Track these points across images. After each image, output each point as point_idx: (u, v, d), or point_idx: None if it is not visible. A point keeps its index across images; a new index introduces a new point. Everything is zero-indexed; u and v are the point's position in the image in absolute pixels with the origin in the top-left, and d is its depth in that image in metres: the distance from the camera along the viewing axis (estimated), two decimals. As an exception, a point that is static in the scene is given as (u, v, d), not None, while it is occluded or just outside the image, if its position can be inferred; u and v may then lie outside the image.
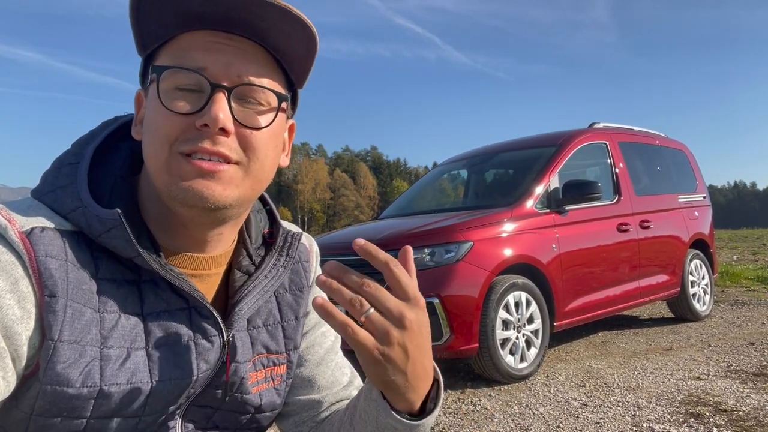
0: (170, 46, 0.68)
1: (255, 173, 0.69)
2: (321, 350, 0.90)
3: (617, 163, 5.15)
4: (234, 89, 0.66)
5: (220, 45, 0.66)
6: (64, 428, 0.63)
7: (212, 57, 0.65)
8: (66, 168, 0.70)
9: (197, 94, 0.66)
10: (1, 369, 0.58)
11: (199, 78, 0.65)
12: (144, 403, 0.67)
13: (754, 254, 12.26)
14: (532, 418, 3.08)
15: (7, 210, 0.63)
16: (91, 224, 0.65)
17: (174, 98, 0.65)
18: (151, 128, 0.67)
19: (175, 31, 0.67)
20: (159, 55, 0.69)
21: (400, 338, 0.62)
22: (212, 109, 0.64)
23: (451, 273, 3.67)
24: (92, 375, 0.62)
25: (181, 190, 0.65)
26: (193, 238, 0.73)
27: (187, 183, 0.64)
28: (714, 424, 2.80)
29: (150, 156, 0.67)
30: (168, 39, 0.68)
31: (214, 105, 0.64)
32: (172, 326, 0.70)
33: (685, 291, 5.48)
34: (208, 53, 0.66)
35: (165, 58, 0.68)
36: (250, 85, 0.67)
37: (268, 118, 0.69)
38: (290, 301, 0.85)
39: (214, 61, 0.65)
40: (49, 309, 0.61)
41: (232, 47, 0.67)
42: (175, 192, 0.65)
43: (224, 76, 0.66)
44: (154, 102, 0.66)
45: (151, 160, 0.67)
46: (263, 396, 0.80)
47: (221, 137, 0.65)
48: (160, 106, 0.65)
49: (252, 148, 0.68)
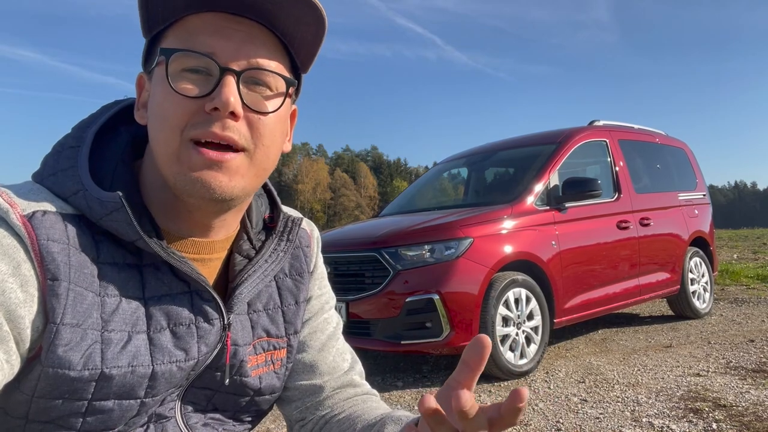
0: (177, 27, 0.67)
1: (260, 161, 0.69)
2: (323, 336, 0.90)
3: (617, 160, 5.15)
4: (243, 73, 0.66)
5: (229, 29, 0.66)
6: (66, 410, 0.64)
7: (222, 40, 0.65)
8: (67, 151, 0.70)
9: (205, 77, 0.65)
10: (4, 352, 0.59)
11: (209, 61, 0.65)
12: (145, 386, 0.67)
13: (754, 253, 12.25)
14: (532, 413, 3.09)
15: (8, 193, 0.63)
16: (93, 207, 0.65)
17: (182, 81, 0.65)
18: (159, 113, 0.66)
19: (183, 13, 0.67)
20: (165, 36, 0.68)
21: None
22: (223, 93, 0.63)
23: (451, 269, 3.67)
24: (93, 358, 0.63)
25: (189, 181, 0.65)
26: (197, 223, 0.73)
27: (195, 174, 0.64)
28: (713, 419, 2.81)
29: (159, 142, 0.67)
30: (175, 20, 0.68)
31: (224, 88, 0.64)
32: (173, 310, 0.70)
33: (685, 289, 5.48)
34: (217, 36, 0.65)
35: (172, 40, 0.67)
36: (259, 69, 0.67)
37: (275, 103, 0.69)
38: (290, 286, 0.85)
39: (224, 45, 0.65)
40: (52, 292, 0.61)
41: (242, 31, 0.66)
42: (182, 182, 0.65)
43: (233, 59, 0.65)
44: (161, 85, 0.66)
45: (161, 146, 0.66)
46: (263, 379, 0.80)
47: (230, 121, 0.65)
48: (168, 89, 0.65)
49: (259, 134, 0.68)
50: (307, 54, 0.73)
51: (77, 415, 0.65)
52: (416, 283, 3.66)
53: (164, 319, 0.69)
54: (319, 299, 0.91)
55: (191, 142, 0.65)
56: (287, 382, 0.87)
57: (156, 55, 0.68)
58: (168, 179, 0.67)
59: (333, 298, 0.96)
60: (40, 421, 0.65)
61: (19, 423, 0.65)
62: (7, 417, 0.66)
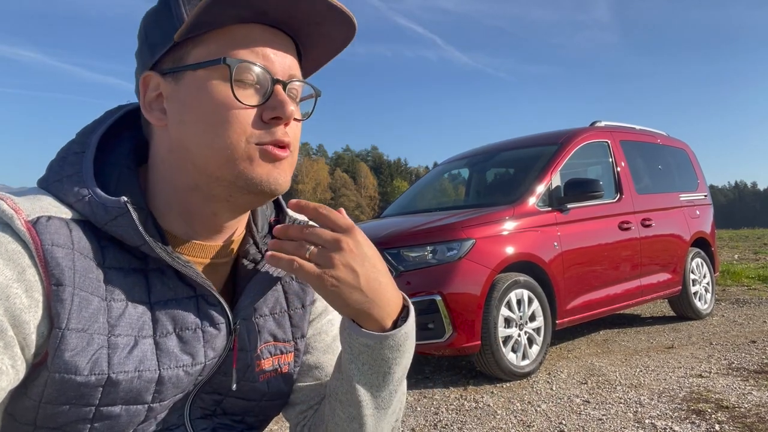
0: (218, 35, 0.67)
1: (294, 161, 0.74)
2: (328, 338, 0.90)
3: (619, 161, 5.15)
4: (288, 84, 0.70)
5: (275, 42, 0.70)
6: (73, 416, 0.64)
7: (272, 53, 0.69)
8: (71, 157, 0.70)
9: (254, 87, 0.68)
10: (9, 358, 0.59)
11: (264, 73, 0.68)
12: (152, 391, 0.67)
13: (755, 253, 12.24)
14: (535, 414, 3.08)
15: (13, 199, 0.63)
16: (97, 212, 0.65)
17: (240, 89, 0.67)
18: (217, 119, 0.66)
19: (231, 22, 0.67)
20: (201, 42, 0.67)
21: (342, 259, 0.69)
22: (286, 103, 0.68)
23: (453, 270, 3.67)
24: (100, 363, 0.63)
25: (256, 177, 0.68)
26: (212, 226, 0.74)
27: (263, 171, 0.68)
28: (716, 421, 2.80)
29: (214, 147, 0.67)
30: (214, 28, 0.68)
31: (283, 97, 0.68)
32: (179, 314, 0.70)
33: (686, 289, 5.48)
34: (269, 49, 0.69)
35: (214, 47, 0.67)
36: (297, 81, 0.72)
37: (305, 110, 0.76)
38: (297, 290, 0.85)
39: (274, 58, 0.69)
40: (57, 298, 0.61)
41: (283, 44, 0.71)
42: (247, 179, 0.67)
43: (280, 71, 0.70)
44: (218, 92, 0.66)
45: (223, 151, 0.66)
46: (270, 384, 0.80)
47: (285, 128, 0.69)
48: (230, 97, 0.66)
49: (296, 138, 0.73)
50: (317, 66, 0.78)
51: (85, 420, 0.65)
52: (418, 285, 3.66)
53: (170, 324, 0.69)
54: (323, 300, 0.91)
55: (257, 145, 0.67)
56: (296, 385, 0.87)
57: (186, 58, 0.68)
58: (226, 179, 0.68)
59: None
60: (48, 428, 0.65)
61: (27, 429, 0.66)
62: (15, 423, 0.66)
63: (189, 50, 0.68)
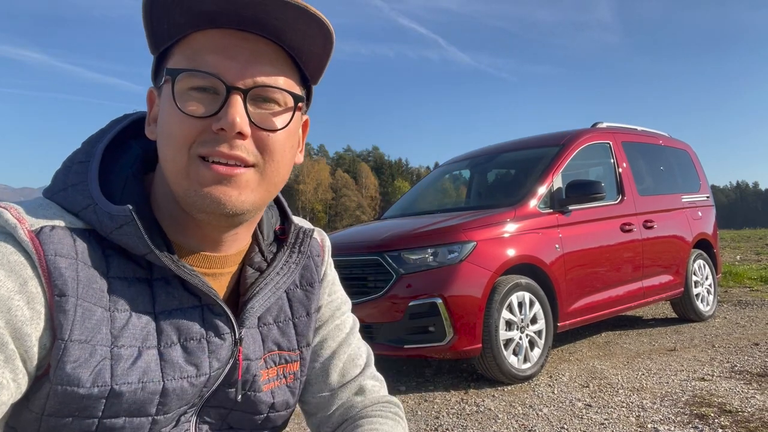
0: (183, 45, 0.67)
1: (270, 176, 0.69)
2: (333, 344, 0.90)
3: (620, 163, 5.13)
4: (250, 91, 0.65)
5: (235, 46, 0.65)
6: (76, 428, 0.63)
7: (227, 59, 0.65)
8: (77, 166, 0.70)
9: (212, 96, 0.65)
10: (11, 371, 0.58)
11: (215, 80, 0.64)
12: (156, 403, 0.66)
13: (757, 254, 12.22)
14: (536, 418, 3.07)
15: (17, 209, 0.63)
16: (103, 221, 0.65)
17: (189, 100, 0.65)
18: (166, 131, 0.66)
19: (188, 30, 0.66)
20: (172, 54, 0.68)
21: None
22: (229, 113, 0.63)
23: (454, 273, 3.66)
24: (103, 374, 0.62)
25: (199, 197, 0.65)
26: (208, 238, 0.73)
27: (205, 189, 0.64)
28: (719, 425, 2.79)
29: (167, 160, 0.67)
30: (180, 38, 0.67)
31: (230, 109, 0.63)
32: (184, 324, 0.69)
33: (688, 291, 5.46)
34: (223, 55, 0.65)
35: (178, 58, 0.67)
36: (266, 87, 0.66)
37: (284, 119, 0.69)
38: (301, 297, 0.84)
39: (230, 64, 0.65)
40: (59, 308, 0.60)
41: (248, 48, 0.66)
42: (193, 198, 0.65)
43: (239, 78, 0.65)
44: (168, 104, 0.66)
45: (169, 164, 0.66)
46: (275, 394, 0.80)
47: (238, 141, 0.65)
48: (174, 109, 0.65)
49: (269, 151, 0.67)
50: (316, 66, 0.72)
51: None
52: (419, 287, 3.65)
53: (175, 334, 0.68)
54: (329, 306, 0.91)
55: (199, 158, 0.64)
56: (303, 396, 0.86)
57: (163, 72, 0.67)
58: (178, 195, 0.67)
59: (346, 301, 0.95)
60: None
61: None
62: None
63: (164, 65, 0.68)
